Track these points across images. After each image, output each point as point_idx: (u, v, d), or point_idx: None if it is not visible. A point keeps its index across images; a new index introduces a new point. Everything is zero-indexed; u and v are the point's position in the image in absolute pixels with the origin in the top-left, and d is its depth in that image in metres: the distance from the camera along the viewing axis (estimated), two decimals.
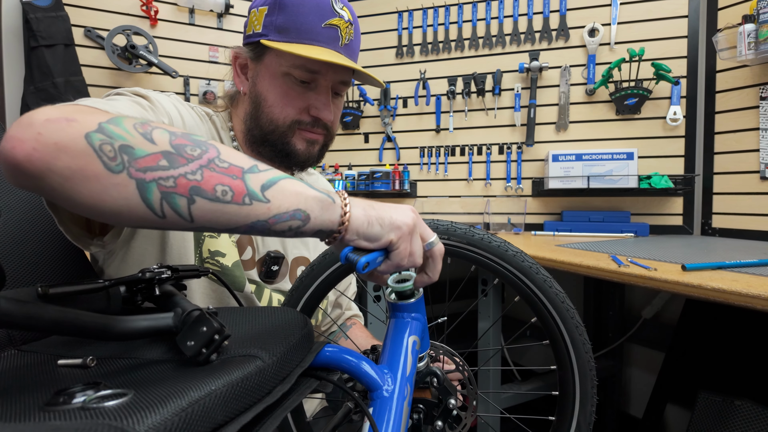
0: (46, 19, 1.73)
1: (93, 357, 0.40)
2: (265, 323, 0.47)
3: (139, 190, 0.38)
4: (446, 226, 0.61)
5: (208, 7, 2.07)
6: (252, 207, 0.42)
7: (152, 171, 0.38)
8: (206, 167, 0.40)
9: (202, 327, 0.40)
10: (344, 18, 0.73)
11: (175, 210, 0.39)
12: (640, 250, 1.34)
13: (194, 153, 0.41)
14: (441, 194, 2.14)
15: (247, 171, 0.43)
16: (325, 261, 0.66)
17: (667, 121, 1.79)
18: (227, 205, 0.41)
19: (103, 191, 0.37)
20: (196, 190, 0.39)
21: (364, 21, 2.22)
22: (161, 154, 0.39)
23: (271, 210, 0.43)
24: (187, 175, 0.39)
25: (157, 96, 0.68)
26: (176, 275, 0.50)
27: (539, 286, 0.58)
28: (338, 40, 0.72)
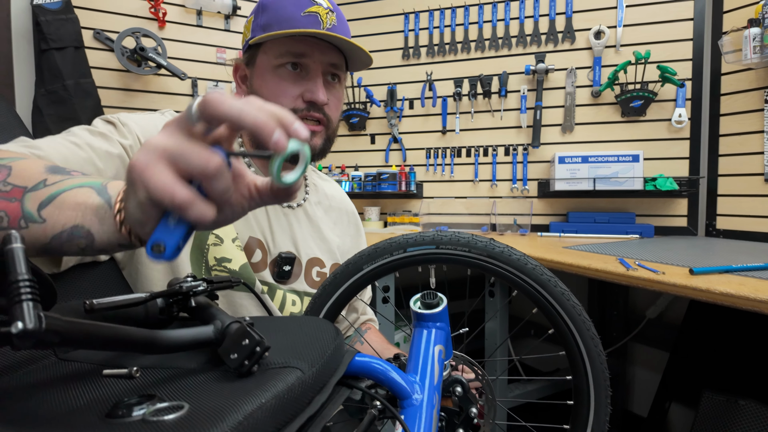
0: (56, 22, 1.74)
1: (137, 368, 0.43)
2: (299, 333, 0.49)
3: None
4: (467, 239, 0.63)
5: (216, 8, 2.08)
6: (30, 230, 0.39)
7: None
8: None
9: (243, 340, 0.42)
10: (323, 5, 0.74)
11: None
12: (646, 252, 1.36)
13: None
14: (447, 195, 2.16)
15: (30, 189, 0.40)
16: (348, 270, 0.67)
17: (672, 123, 1.80)
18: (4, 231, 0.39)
19: None
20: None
21: (370, 23, 2.23)
22: None
23: (47, 231, 0.39)
24: None
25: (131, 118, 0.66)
26: (211, 287, 0.52)
27: (557, 299, 0.60)
28: (319, 25, 0.73)
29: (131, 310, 0.49)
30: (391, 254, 0.67)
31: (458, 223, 2.10)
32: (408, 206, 2.22)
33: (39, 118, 1.74)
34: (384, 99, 2.22)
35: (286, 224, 0.80)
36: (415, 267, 0.67)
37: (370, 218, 2.18)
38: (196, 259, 0.68)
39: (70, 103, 1.75)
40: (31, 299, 0.33)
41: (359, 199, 2.23)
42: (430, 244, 0.66)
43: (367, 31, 2.23)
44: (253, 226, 0.75)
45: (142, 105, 1.97)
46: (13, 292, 0.33)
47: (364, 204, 2.22)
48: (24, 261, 0.34)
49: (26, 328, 0.31)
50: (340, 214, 0.95)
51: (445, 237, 0.64)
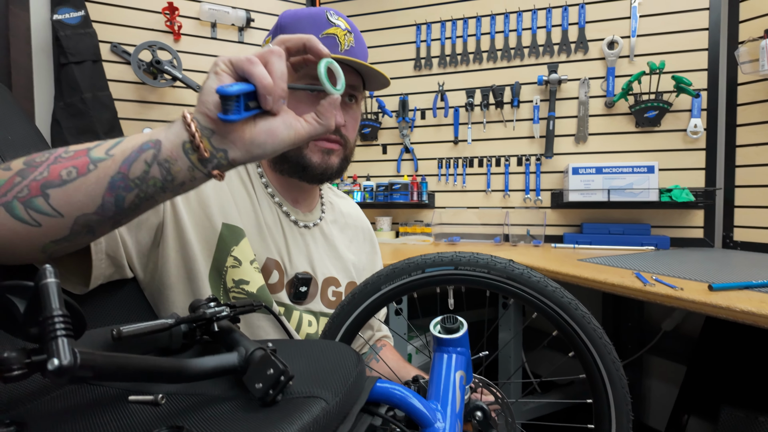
0: (75, 37, 1.78)
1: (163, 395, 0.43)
2: (321, 359, 0.50)
3: (9, 212, 0.41)
4: (486, 260, 0.62)
5: (230, 21, 2.11)
6: (98, 169, 0.42)
7: (11, 191, 0.42)
8: (53, 163, 0.43)
9: (268, 369, 0.42)
10: (341, 27, 0.74)
11: (39, 211, 0.42)
12: (663, 265, 1.35)
13: (43, 158, 0.43)
14: (459, 205, 2.15)
15: (93, 147, 0.44)
16: (365, 290, 0.68)
17: (688, 133, 1.78)
18: (76, 181, 0.42)
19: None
20: (46, 185, 0.42)
21: (382, 34, 2.24)
22: (15, 174, 0.42)
23: (117, 159, 0.43)
24: (36, 177, 0.42)
25: None
26: (234, 312, 0.52)
27: (578, 322, 0.59)
28: (337, 47, 0.73)
29: (156, 336, 0.50)
30: (409, 275, 0.67)
31: (471, 234, 2.09)
32: (420, 216, 2.22)
33: (57, 130, 1.77)
34: (396, 109, 2.22)
35: (303, 244, 0.81)
36: (433, 288, 0.67)
37: (382, 228, 2.18)
38: (215, 281, 0.69)
39: (87, 115, 1.78)
40: (65, 335, 0.34)
41: (371, 209, 2.24)
42: (448, 265, 0.65)
43: (379, 42, 2.25)
44: (270, 248, 0.75)
45: (158, 117, 2.00)
46: (48, 328, 0.33)
47: (375, 214, 2.22)
48: (58, 295, 0.35)
49: (62, 365, 0.32)
50: (356, 232, 0.95)
51: (464, 258, 0.64)
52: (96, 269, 0.55)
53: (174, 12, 1.98)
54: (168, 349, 0.51)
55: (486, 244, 2.00)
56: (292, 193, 0.82)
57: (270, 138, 0.46)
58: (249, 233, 0.73)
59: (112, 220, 0.45)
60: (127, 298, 0.63)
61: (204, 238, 0.69)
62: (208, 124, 0.43)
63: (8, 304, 0.38)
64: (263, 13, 2.19)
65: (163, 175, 0.43)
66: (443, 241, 2.03)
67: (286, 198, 0.82)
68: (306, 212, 0.85)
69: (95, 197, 0.42)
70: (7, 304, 0.38)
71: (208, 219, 0.70)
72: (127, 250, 0.62)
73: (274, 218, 0.78)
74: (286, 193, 0.82)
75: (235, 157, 0.45)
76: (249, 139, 0.45)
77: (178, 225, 0.66)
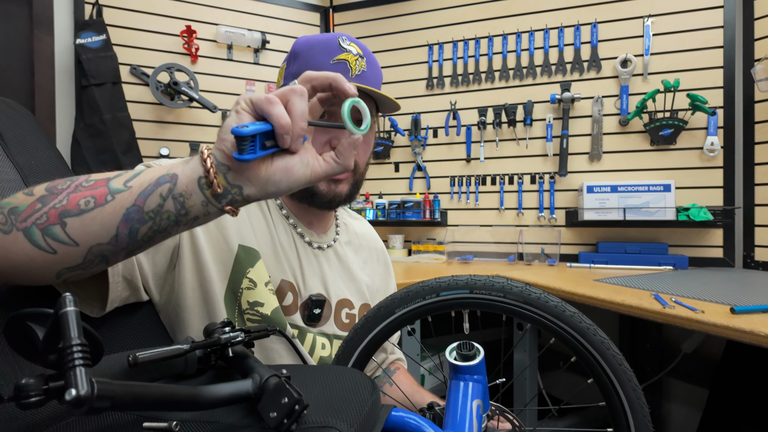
0: (97, 59, 1.83)
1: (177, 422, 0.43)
2: (335, 387, 0.49)
3: (27, 237, 0.42)
4: (502, 283, 0.62)
5: (246, 43, 2.16)
6: (115, 200, 0.43)
7: (30, 217, 0.43)
8: (73, 192, 0.44)
9: (283, 397, 0.42)
10: (352, 52, 0.75)
11: (56, 239, 0.42)
12: (682, 286, 1.32)
13: (64, 186, 0.44)
14: (472, 223, 2.14)
15: (113, 177, 0.45)
16: (379, 314, 0.67)
17: (704, 151, 1.76)
18: (93, 211, 0.43)
19: (8, 253, 0.43)
20: (64, 213, 0.42)
21: (395, 54, 2.27)
22: (37, 201, 0.43)
23: (134, 192, 0.43)
24: (55, 205, 0.43)
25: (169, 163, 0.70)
26: (248, 337, 0.52)
27: (597, 348, 0.58)
28: (348, 72, 0.74)
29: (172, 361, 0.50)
30: (423, 298, 0.66)
31: (484, 252, 2.08)
32: (432, 234, 2.21)
33: (77, 150, 1.81)
34: (408, 128, 2.24)
35: (317, 266, 0.81)
36: (447, 312, 0.66)
37: (395, 246, 2.18)
38: (230, 303, 0.69)
39: (107, 135, 1.82)
40: (83, 364, 0.34)
41: (383, 227, 2.24)
42: (463, 289, 0.65)
43: (392, 63, 2.27)
44: (285, 269, 0.75)
45: (174, 137, 2.04)
46: (67, 357, 0.34)
47: (388, 232, 2.22)
48: (77, 324, 0.35)
49: (79, 395, 0.32)
50: (370, 253, 0.95)
51: (479, 281, 0.64)
52: (113, 292, 0.56)
53: (192, 35, 2.03)
54: (183, 375, 0.51)
55: (500, 263, 1.98)
56: (306, 215, 0.82)
57: (285, 176, 0.46)
58: (264, 255, 0.74)
59: (125, 250, 0.45)
60: (143, 320, 0.64)
61: (220, 259, 0.69)
62: (224, 161, 0.44)
63: (28, 331, 0.38)
64: (278, 35, 2.24)
65: (177, 209, 0.44)
66: (456, 260, 2.02)
67: (301, 220, 0.82)
68: (320, 234, 0.85)
69: (110, 228, 0.43)
70: (27, 331, 0.38)
71: (224, 241, 0.70)
72: (143, 273, 0.62)
73: (288, 240, 0.79)
74: (301, 215, 0.82)
75: (249, 194, 0.45)
76: (264, 176, 0.45)
77: (195, 247, 0.67)
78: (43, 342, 0.38)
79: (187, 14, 2.06)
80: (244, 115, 0.44)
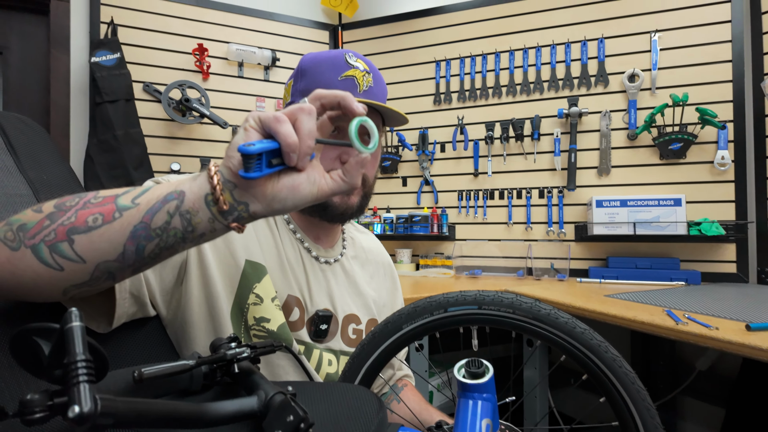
0: (111, 77, 1.87)
1: None
2: (341, 405, 0.48)
3: (35, 254, 0.42)
4: (510, 299, 0.61)
5: (256, 60, 2.19)
6: (122, 217, 0.43)
7: (39, 233, 0.43)
8: (81, 209, 0.44)
9: (288, 415, 0.41)
10: (359, 68, 0.76)
11: (64, 256, 0.43)
12: (695, 302, 1.29)
13: (73, 203, 0.44)
14: (480, 237, 2.13)
15: (122, 194, 0.45)
16: (386, 329, 0.66)
17: (715, 165, 1.75)
18: (100, 228, 0.43)
19: (15, 269, 0.43)
20: (72, 230, 0.43)
21: (403, 70, 2.29)
22: (45, 217, 0.43)
23: (141, 209, 0.43)
24: (63, 222, 0.43)
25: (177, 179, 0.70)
26: (254, 353, 0.52)
27: (608, 365, 0.57)
28: (356, 88, 0.74)
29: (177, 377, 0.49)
30: (430, 314, 0.66)
31: (493, 267, 2.06)
32: (440, 248, 2.20)
33: (90, 165, 1.84)
34: (415, 143, 2.25)
35: (323, 280, 0.80)
36: (456, 328, 0.65)
37: (402, 260, 2.17)
38: (236, 318, 0.69)
39: (119, 151, 1.85)
40: (87, 380, 0.34)
41: (391, 241, 2.23)
42: (471, 304, 0.64)
43: (399, 78, 2.30)
44: (291, 284, 0.75)
45: (185, 152, 2.06)
46: (71, 373, 0.34)
47: (395, 246, 2.22)
48: (82, 339, 0.35)
49: (82, 412, 0.31)
50: (377, 267, 0.94)
51: (488, 297, 0.63)
52: (119, 308, 0.56)
53: (203, 52, 2.07)
54: (188, 391, 0.51)
55: (509, 277, 1.96)
56: (314, 229, 0.82)
57: (292, 194, 0.46)
58: (271, 270, 0.73)
59: (132, 267, 0.46)
60: (150, 336, 0.64)
61: (227, 275, 0.69)
62: (230, 178, 0.44)
63: (34, 346, 0.38)
64: (288, 53, 2.27)
65: (184, 226, 0.44)
66: (464, 275, 2.00)
67: (308, 234, 0.82)
68: (327, 248, 0.85)
69: (117, 245, 0.43)
70: (32, 346, 0.38)
71: (232, 256, 0.70)
72: (150, 289, 0.62)
73: (295, 254, 0.78)
74: (308, 230, 0.82)
75: (255, 211, 0.45)
76: (271, 194, 0.45)
77: (202, 263, 0.67)
78: (49, 357, 0.37)
79: (200, 33, 2.11)
80: (252, 132, 0.44)
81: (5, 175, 0.62)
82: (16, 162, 0.65)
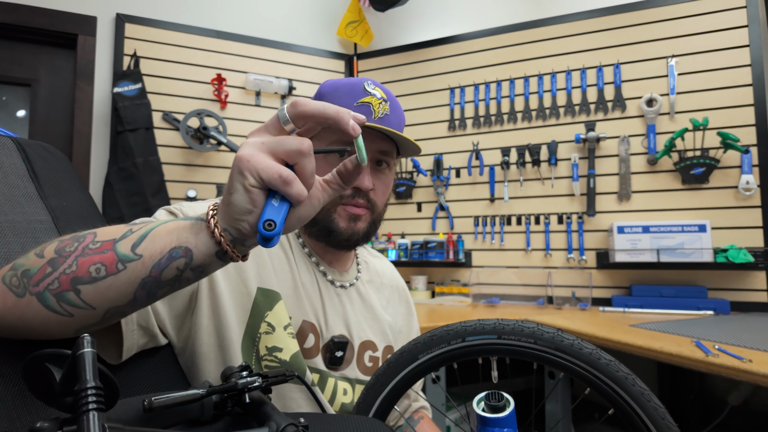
0: (132, 107, 1.92)
1: None
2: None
3: (40, 302, 0.42)
4: (532, 329, 0.59)
5: (273, 89, 2.24)
6: (128, 270, 0.42)
7: (42, 281, 0.42)
8: (80, 255, 0.43)
9: None
10: (376, 96, 0.75)
11: (72, 304, 0.42)
12: (725, 332, 1.24)
13: (72, 248, 0.44)
14: (497, 264, 2.10)
15: (119, 239, 0.44)
16: (402, 359, 0.64)
17: (740, 190, 1.70)
18: (106, 280, 0.42)
19: (23, 315, 0.43)
20: (76, 280, 0.42)
21: (417, 98, 2.32)
22: (47, 264, 0.43)
23: (146, 264, 0.42)
24: (65, 270, 0.42)
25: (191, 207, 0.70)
26: (266, 383, 0.50)
27: (636, 399, 0.54)
28: (371, 114, 0.74)
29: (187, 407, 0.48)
30: (448, 343, 0.63)
31: (511, 295, 2.02)
32: (456, 275, 2.17)
33: (109, 192, 1.88)
34: (430, 168, 2.25)
35: (339, 305, 0.79)
36: (474, 358, 0.63)
37: (417, 287, 2.14)
38: (247, 348, 0.67)
39: (138, 178, 1.89)
40: (97, 408, 0.33)
41: (406, 268, 2.21)
42: (490, 334, 0.62)
43: (414, 105, 2.32)
44: (306, 309, 0.74)
45: (202, 179, 2.09)
46: (81, 400, 0.33)
47: (410, 273, 2.19)
48: (93, 366, 0.34)
49: None
50: (392, 292, 0.93)
51: (508, 326, 0.61)
52: (128, 340, 0.55)
53: (222, 82, 2.13)
54: (198, 421, 0.49)
55: (528, 306, 1.91)
56: (327, 253, 0.81)
57: (297, 221, 0.45)
58: (285, 295, 0.72)
59: (144, 305, 0.46)
60: (161, 364, 0.62)
61: (239, 304, 0.68)
62: (239, 236, 0.43)
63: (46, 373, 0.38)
64: (304, 82, 2.32)
65: (197, 275, 0.45)
66: (482, 302, 1.96)
67: (323, 258, 0.81)
68: (342, 272, 0.83)
69: (127, 294, 0.43)
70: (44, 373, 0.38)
71: (243, 284, 0.69)
72: (160, 318, 0.61)
73: (311, 278, 0.77)
74: (322, 253, 0.81)
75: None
76: None
77: (213, 292, 0.66)
78: (60, 384, 0.37)
79: (219, 63, 2.17)
80: (255, 194, 0.41)
81: (27, 202, 0.63)
82: (37, 189, 0.66)
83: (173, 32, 2.09)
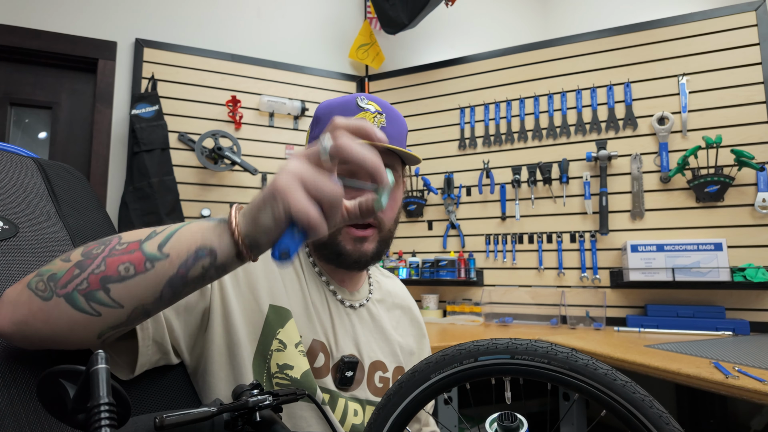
0: (149, 128, 1.97)
1: None
2: None
3: (69, 302, 0.43)
4: (546, 349, 0.58)
5: (286, 111, 2.28)
6: (156, 269, 0.44)
7: (70, 282, 0.44)
8: (108, 256, 0.45)
9: None
10: (370, 110, 0.75)
11: (101, 303, 0.44)
12: (744, 353, 1.21)
13: (99, 250, 0.45)
14: (510, 283, 2.07)
15: (145, 240, 0.46)
16: (414, 379, 0.63)
17: (756, 208, 1.68)
18: (135, 278, 0.44)
19: (49, 318, 0.44)
20: (105, 279, 0.43)
21: (427, 117, 2.34)
22: (74, 266, 0.44)
23: (174, 262, 0.44)
24: (94, 271, 0.44)
25: None
26: (276, 401, 0.50)
27: (654, 423, 0.52)
28: None
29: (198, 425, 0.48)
30: (460, 363, 0.62)
31: (524, 314, 1.99)
32: (468, 294, 2.15)
33: (125, 212, 1.91)
34: (441, 186, 2.25)
35: (349, 325, 0.78)
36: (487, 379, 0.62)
37: (429, 306, 2.12)
38: (258, 365, 0.67)
39: (153, 198, 1.92)
40: (109, 424, 0.33)
41: (417, 286, 2.20)
42: (503, 354, 0.61)
43: (424, 125, 2.34)
44: (317, 329, 0.74)
45: (216, 198, 2.12)
46: (93, 417, 0.33)
47: (421, 291, 2.18)
48: (106, 383, 0.35)
49: None
50: (403, 312, 0.92)
51: (521, 346, 0.60)
52: (142, 356, 0.56)
53: (236, 104, 2.17)
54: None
55: (542, 326, 1.88)
56: (337, 273, 0.81)
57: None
58: (296, 314, 0.72)
59: (167, 304, 0.48)
60: (173, 383, 0.63)
61: (251, 321, 0.68)
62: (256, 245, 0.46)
63: (59, 389, 0.38)
64: (317, 103, 2.36)
65: (219, 273, 0.47)
66: (494, 322, 1.94)
67: (334, 277, 0.81)
68: (353, 291, 0.83)
69: (155, 291, 0.45)
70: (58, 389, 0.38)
71: (255, 301, 0.69)
72: (174, 335, 0.62)
73: (321, 298, 0.77)
74: (333, 273, 0.81)
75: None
76: None
77: (225, 309, 0.66)
78: (73, 401, 0.37)
79: (233, 85, 2.22)
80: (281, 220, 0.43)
81: (46, 220, 0.64)
82: (56, 208, 0.68)
83: (190, 56, 2.15)
